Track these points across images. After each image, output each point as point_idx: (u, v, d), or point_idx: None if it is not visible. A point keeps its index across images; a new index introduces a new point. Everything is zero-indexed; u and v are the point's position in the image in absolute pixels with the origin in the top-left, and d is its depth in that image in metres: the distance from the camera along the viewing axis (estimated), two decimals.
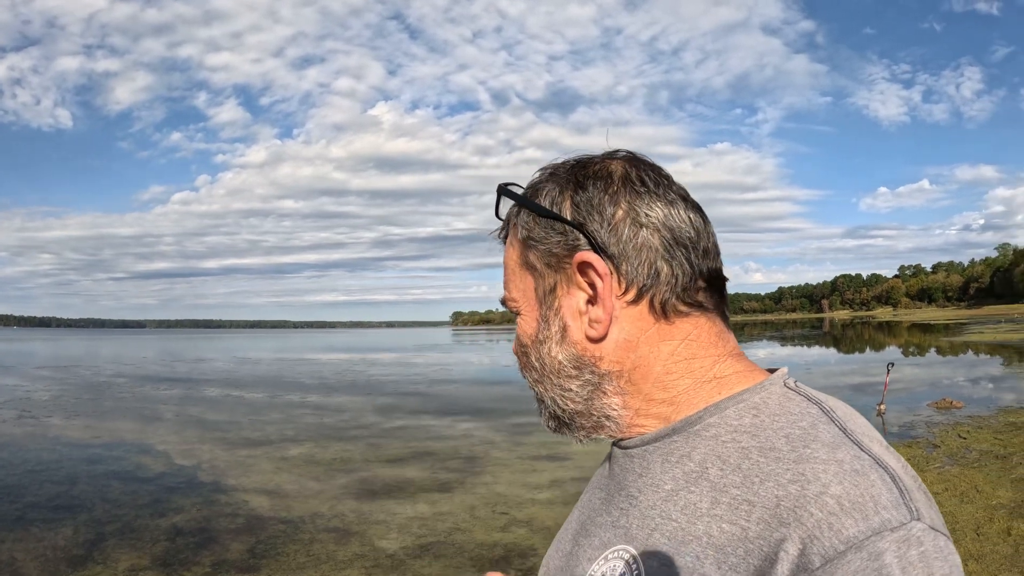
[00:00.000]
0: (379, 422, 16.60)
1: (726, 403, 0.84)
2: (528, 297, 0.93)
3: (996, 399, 16.60)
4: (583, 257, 0.85)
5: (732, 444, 0.80)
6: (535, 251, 0.90)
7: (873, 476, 0.70)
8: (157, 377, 31.41)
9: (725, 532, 0.73)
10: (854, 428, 0.77)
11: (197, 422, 16.66)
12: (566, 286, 0.89)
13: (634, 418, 0.89)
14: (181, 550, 7.14)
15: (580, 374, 0.89)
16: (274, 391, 24.36)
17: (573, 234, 0.87)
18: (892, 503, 0.68)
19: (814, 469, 0.72)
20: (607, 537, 0.87)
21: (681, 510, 0.79)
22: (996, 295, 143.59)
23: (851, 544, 0.65)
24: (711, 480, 0.78)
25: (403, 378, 30.43)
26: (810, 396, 0.83)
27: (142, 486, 9.91)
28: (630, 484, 0.88)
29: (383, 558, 6.88)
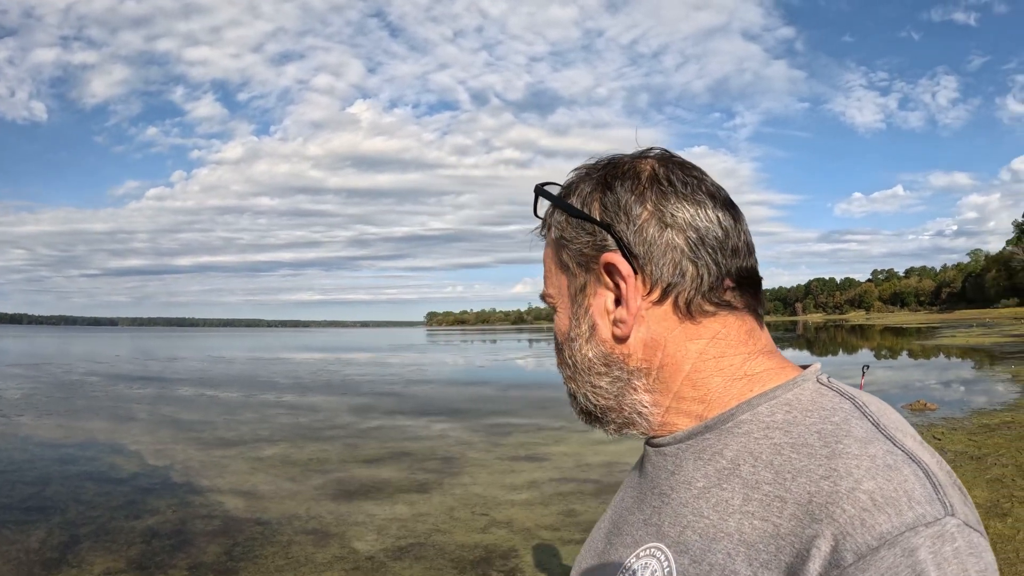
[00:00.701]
0: (355, 422, 16.51)
1: (758, 400, 0.84)
2: (562, 295, 0.95)
3: (969, 401, 16.76)
4: (608, 258, 0.87)
5: (764, 441, 0.80)
6: (567, 250, 0.92)
7: (906, 471, 0.70)
8: (130, 376, 31.09)
9: (757, 529, 0.73)
10: (887, 423, 0.77)
11: (171, 422, 16.49)
12: (595, 286, 0.90)
13: (665, 415, 0.89)
14: (157, 553, 7.04)
15: (609, 371, 0.90)
16: (249, 390, 24.19)
17: (601, 235, 0.88)
18: (926, 498, 0.67)
19: (846, 464, 0.71)
20: (639, 535, 0.88)
21: (713, 507, 0.79)
22: (968, 300, 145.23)
23: (884, 540, 0.64)
24: (743, 477, 0.78)
25: (378, 378, 30.32)
26: (843, 391, 0.83)
27: (116, 487, 9.79)
28: (662, 482, 0.88)
29: (363, 560, 6.82)
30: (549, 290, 0.98)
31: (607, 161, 0.94)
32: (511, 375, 32.76)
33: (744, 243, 0.89)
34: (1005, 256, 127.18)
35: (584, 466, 10.89)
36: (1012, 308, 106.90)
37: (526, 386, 25.67)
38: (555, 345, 0.98)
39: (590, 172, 0.94)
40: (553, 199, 0.96)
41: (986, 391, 18.86)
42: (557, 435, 14.03)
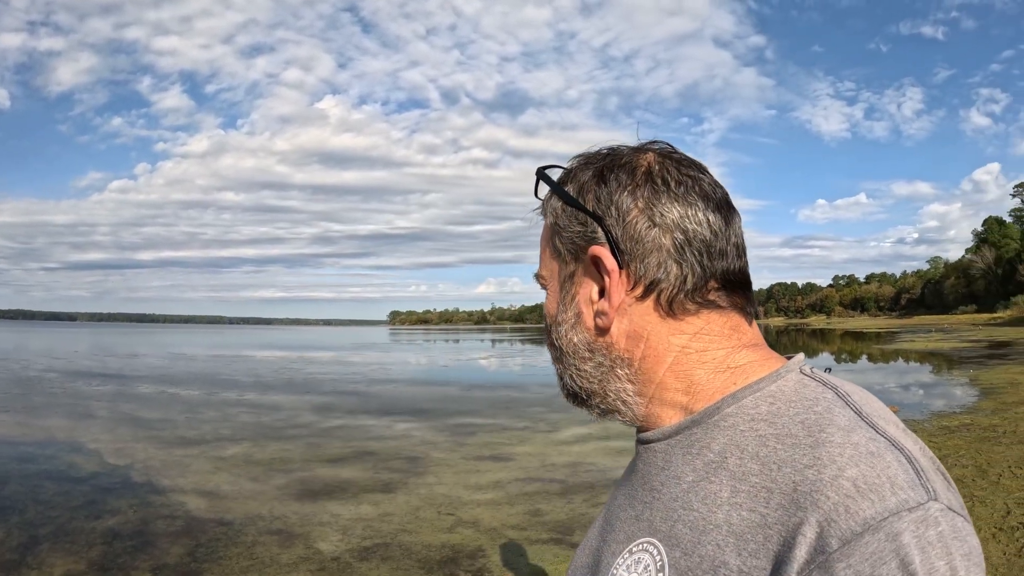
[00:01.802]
0: (318, 421, 16.40)
1: (743, 392, 0.85)
2: (553, 279, 0.98)
3: (929, 404, 17.00)
4: (596, 251, 0.89)
5: (750, 433, 0.81)
6: (560, 237, 0.95)
7: (889, 457, 0.71)
8: (90, 372, 30.59)
9: (745, 519, 0.74)
10: (870, 411, 0.78)
11: (131, 420, 16.27)
12: (582, 275, 0.93)
13: (649, 406, 0.92)
14: (119, 554, 6.93)
15: (592, 357, 0.93)
16: (210, 388, 23.93)
17: (592, 226, 0.90)
18: (908, 484, 0.69)
19: (830, 453, 0.72)
20: (631, 531, 0.89)
21: (702, 500, 0.80)
22: (926, 306, 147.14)
23: (868, 526, 0.66)
24: (730, 469, 0.80)
25: (341, 377, 30.16)
26: (826, 381, 0.85)
27: (76, 486, 9.63)
28: (653, 478, 0.90)
29: (328, 561, 6.78)
30: (542, 271, 1.00)
31: (608, 151, 0.95)
32: (474, 375, 32.74)
33: (734, 245, 0.91)
34: (964, 264, 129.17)
35: (549, 466, 10.91)
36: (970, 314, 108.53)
37: (490, 386, 25.65)
38: (544, 326, 1.01)
39: (590, 161, 0.95)
40: (551, 184, 0.98)
41: (945, 394, 19.13)
42: (521, 435, 14.04)
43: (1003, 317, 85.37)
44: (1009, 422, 12.91)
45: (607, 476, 10.11)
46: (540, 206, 1.01)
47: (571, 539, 7.32)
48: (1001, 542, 6.50)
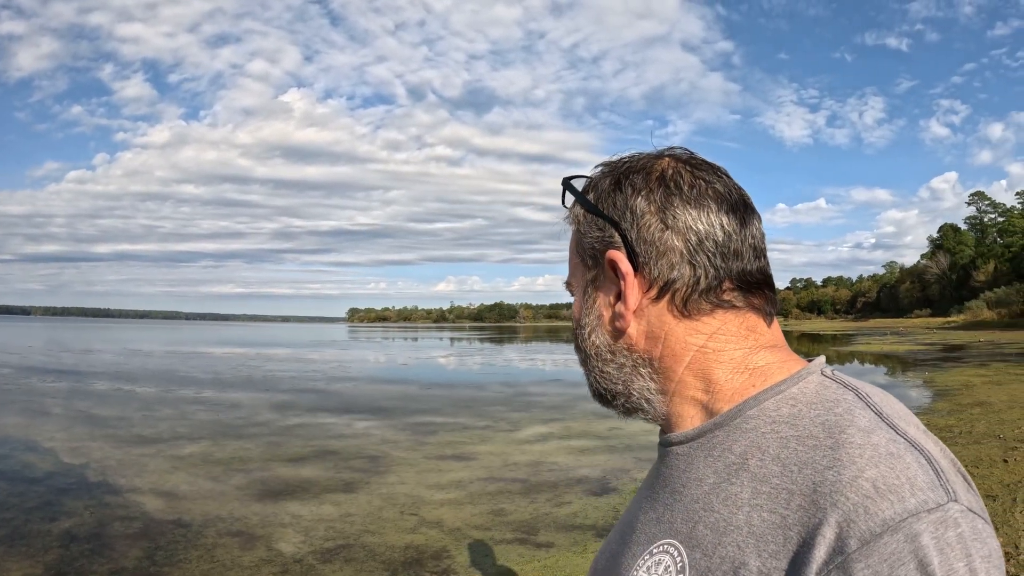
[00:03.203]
0: (277, 419, 16.24)
1: (765, 395, 0.86)
2: (579, 283, 1.01)
3: None
4: (611, 256, 0.92)
5: (772, 435, 0.82)
6: (582, 244, 0.98)
7: (908, 458, 0.72)
8: (43, 368, 30.05)
9: (765, 521, 0.75)
10: (890, 412, 0.79)
11: (86, 418, 16.00)
12: (602, 279, 0.95)
13: (671, 404, 0.93)
14: (76, 558, 6.80)
15: (614, 358, 0.95)
16: (167, 386, 23.60)
17: (609, 231, 0.93)
18: (928, 485, 0.69)
19: (850, 454, 0.73)
20: (652, 533, 0.90)
21: (723, 501, 0.81)
22: (882, 309, 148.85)
23: (887, 526, 0.66)
24: (751, 471, 0.80)
25: (300, 374, 29.91)
26: (846, 383, 0.86)
27: (30, 487, 9.45)
28: (674, 480, 0.90)
29: (291, 563, 6.70)
30: (570, 278, 1.04)
31: (628, 158, 0.98)
32: (434, 373, 32.65)
33: (750, 246, 0.93)
34: (919, 269, 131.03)
35: (511, 465, 10.91)
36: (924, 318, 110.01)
37: (450, 385, 25.61)
38: (573, 330, 1.02)
39: (613, 169, 0.98)
40: (574, 193, 1.01)
41: (901, 396, 19.14)
42: (482, 434, 14.03)
43: (957, 321, 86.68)
44: (964, 423, 13.10)
45: (569, 475, 10.13)
46: (568, 215, 1.03)
47: (535, 539, 7.32)
48: None
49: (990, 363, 28.23)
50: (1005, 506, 7.43)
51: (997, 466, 9.29)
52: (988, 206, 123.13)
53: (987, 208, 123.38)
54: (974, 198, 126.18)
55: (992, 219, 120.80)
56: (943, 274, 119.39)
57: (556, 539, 7.36)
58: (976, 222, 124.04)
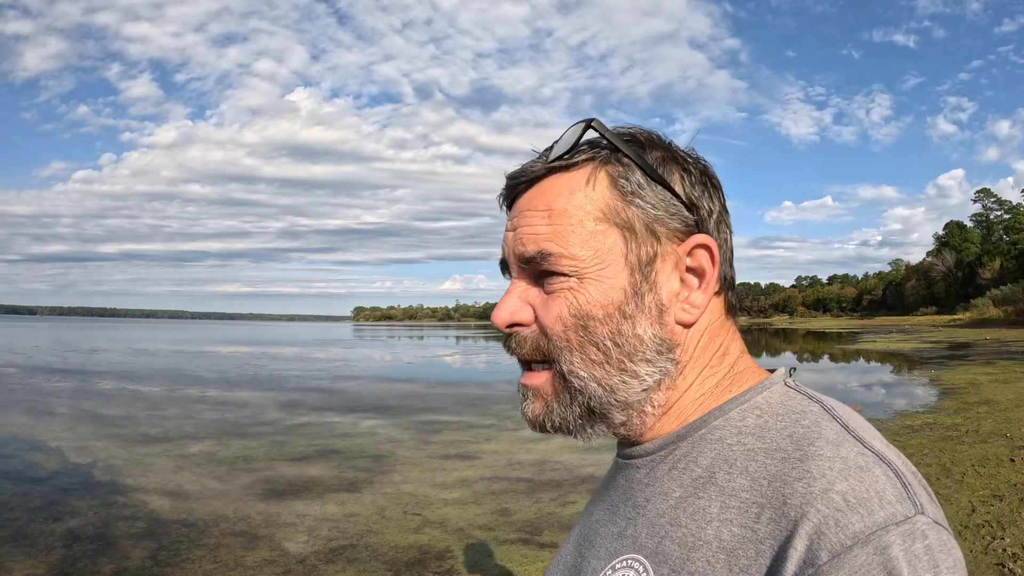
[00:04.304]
0: (282, 418, 16.24)
1: (730, 404, 0.85)
2: (606, 259, 0.84)
3: (891, 403, 17.18)
4: (704, 240, 0.86)
5: (738, 447, 0.80)
6: (641, 211, 0.85)
7: (877, 472, 0.72)
8: (49, 368, 30.08)
9: (735, 535, 0.74)
10: (855, 426, 0.78)
11: (92, 417, 16.01)
12: (665, 261, 0.86)
13: (658, 419, 0.88)
14: (79, 558, 6.79)
15: (658, 358, 0.85)
16: (172, 385, 23.63)
17: (686, 212, 0.86)
18: (896, 498, 0.69)
19: (819, 466, 0.73)
20: (614, 547, 0.86)
21: (691, 516, 0.79)
22: (887, 307, 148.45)
23: (858, 539, 0.66)
24: (719, 485, 0.79)
25: (305, 373, 29.93)
26: (811, 395, 0.84)
27: (34, 487, 9.44)
28: (637, 494, 0.88)
29: (294, 563, 6.68)
30: (571, 249, 0.84)
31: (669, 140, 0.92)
32: (439, 372, 32.64)
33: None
34: (925, 266, 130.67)
35: (516, 464, 10.88)
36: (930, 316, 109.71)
37: (455, 383, 25.56)
38: (573, 322, 0.85)
39: (656, 140, 0.90)
40: (635, 152, 0.87)
41: (907, 394, 19.33)
42: (487, 433, 14.01)
43: (963, 319, 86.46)
44: (971, 421, 13.07)
45: (574, 474, 10.09)
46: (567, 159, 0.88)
47: (539, 539, 7.30)
48: (967, 540, 6.57)
49: (996, 361, 28.11)
50: (1012, 506, 7.41)
51: (1004, 465, 9.25)
52: (994, 203, 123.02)
53: (993, 205, 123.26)
54: (980, 195, 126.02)
55: (998, 216, 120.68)
56: (949, 272, 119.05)
57: (560, 539, 7.32)
58: (982, 219, 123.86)
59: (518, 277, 0.89)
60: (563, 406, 0.88)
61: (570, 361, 0.85)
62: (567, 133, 0.89)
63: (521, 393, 0.93)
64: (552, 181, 0.87)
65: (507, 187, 0.93)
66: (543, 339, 0.87)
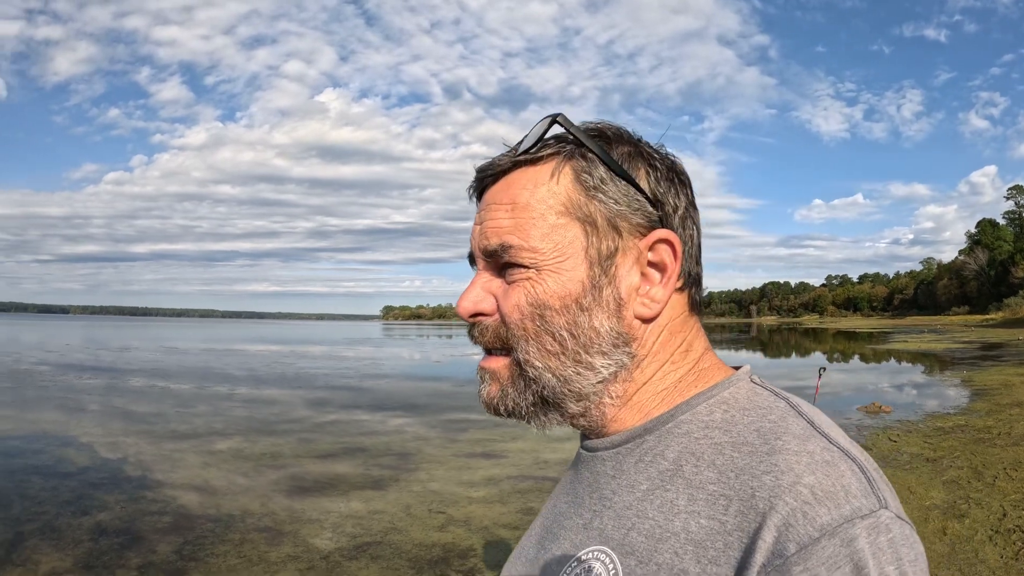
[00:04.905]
0: (310, 416, 16.33)
1: (697, 399, 0.86)
2: (565, 252, 0.85)
3: (922, 405, 17.01)
4: (665, 235, 0.86)
5: (705, 440, 0.81)
6: (603, 206, 0.86)
7: (843, 467, 0.73)
8: (81, 366, 30.45)
9: (704, 527, 0.75)
10: (820, 422, 0.80)
11: (122, 414, 16.17)
12: (625, 256, 0.86)
13: (619, 410, 0.89)
14: (105, 551, 6.85)
15: (614, 351, 0.86)
16: (202, 382, 23.83)
17: (650, 208, 0.86)
18: (862, 492, 0.71)
19: (787, 460, 0.74)
20: (579, 539, 0.86)
21: (658, 508, 0.79)
22: (919, 307, 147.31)
23: (824, 531, 0.68)
24: (686, 477, 0.79)
25: (334, 371, 30.12)
26: (776, 392, 0.86)
27: (63, 482, 9.54)
28: (603, 486, 0.88)
29: (317, 560, 6.70)
30: (533, 242, 0.85)
31: (639, 137, 0.92)
32: (467, 371, 32.64)
33: None
34: (957, 265, 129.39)
35: (542, 463, 10.85)
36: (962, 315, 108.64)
37: None
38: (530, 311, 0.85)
39: (624, 136, 0.91)
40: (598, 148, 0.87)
41: (939, 395, 19.13)
42: (514, 432, 13.94)
43: (995, 319, 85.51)
44: (1003, 423, 12.90)
45: None
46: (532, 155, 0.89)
47: None
48: (998, 545, 6.46)
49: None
50: None
51: None
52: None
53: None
54: (1013, 192, 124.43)
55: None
56: (981, 270, 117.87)
57: None
58: (1015, 216, 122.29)
59: (483, 269, 0.90)
60: (517, 392, 0.88)
61: (526, 350, 0.86)
62: (535, 127, 0.89)
63: (479, 376, 0.92)
64: (518, 175, 0.88)
65: (475, 180, 0.94)
66: (503, 328, 0.88)
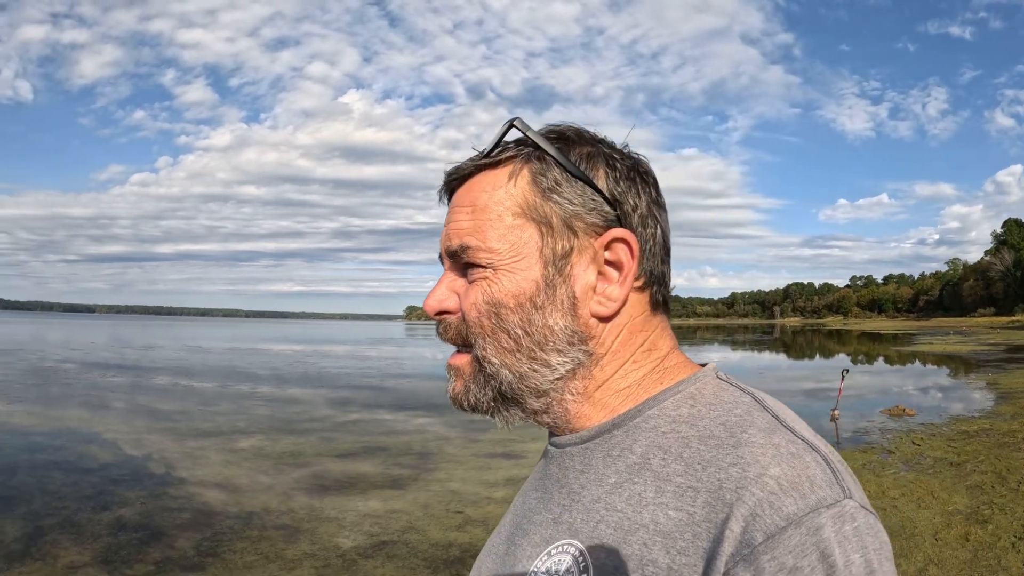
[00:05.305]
0: (332, 415, 16.40)
1: (664, 395, 0.87)
2: (521, 252, 0.88)
3: (947, 408, 16.84)
4: (622, 234, 0.86)
5: (672, 435, 0.83)
6: (559, 207, 0.87)
7: (808, 458, 0.74)
8: (106, 364, 30.76)
9: (672, 519, 0.76)
10: (784, 416, 0.81)
11: (145, 411, 16.31)
12: (582, 255, 0.87)
13: (582, 407, 0.90)
14: (124, 546, 6.89)
15: (569, 349, 0.87)
16: (225, 381, 24.00)
17: (607, 207, 0.87)
18: (826, 482, 0.72)
19: (753, 452, 0.75)
20: (548, 533, 0.87)
21: (626, 501, 0.80)
22: (944, 308, 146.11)
23: (791, 520, 0.69)
24: (654, 470, 0.81)
25: (356, 371, 30.23)
26: (742, 387, 0.87)
27: (85, 477, 9.61)
28: (571, 480, 0.89)
29: (334, 558, 6.71)
30: (490, 243, 0.88)
31: (603, 137, 0.93)
32: None
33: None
34: (983, 266, 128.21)
35: None
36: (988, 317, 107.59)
37: None
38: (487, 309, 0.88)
39: (585, 136, 0.92)
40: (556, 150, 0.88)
41: (964, 398, 18.95)
42: (534, 432, 13.81)
43: (1021, 320, 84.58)
44: None
45: None
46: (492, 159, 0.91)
47: None
48: (1021, 552, 6.37)
49: None
50: None
51: None
52: None
53: None
54: None
55: None
56: (1007, 271, 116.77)
57: None
58: None
59: (449, 269, 0.94)
60: (478, 387, 0.91)
61: (484, 347, 0.89)
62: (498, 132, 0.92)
63: (447, 372, 0.96)
64: (479, 178, 0.91)
65: (444, 183, 0.97)
66: (464, 325, 0.91)
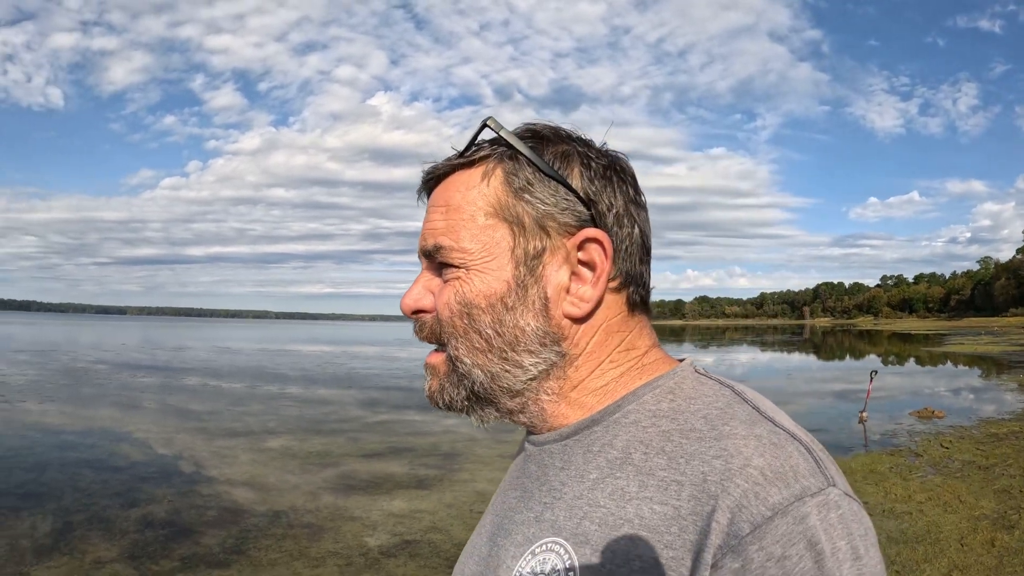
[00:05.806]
0: (360, 416, 16.48)
1: (643, 390, 0.87)
2: (493, 252, 0.88)
3: (977, 410, 16.65)
4: (594, 234, 0.85)
5: (653, 429, 0.82)
6: (531, 207, 0.87)
7: (790, 448, 0.75)
8: (137, 364, 31.11)
9: (657, 513, 0.76)
10: (765, 408, 0.81)
11: (175, 411, 16.48)
12: (554, 255, 0.87)
13: (559, 405, 0.90)
14: (151, 543, 6.98)
15: (542, 350, 0.87)
16: (254, 382, 24.19)
17: (580, 207, 0.87)
18: (810, 471, 0.73)
19: (735, 444, 0.75)
20: (531, 532, 0.86)
21: (609, 496, 0.80)
22: (976, 308, 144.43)
23: (777, 510, 0.69)
24: (636, 465, 0.80)
25: (385, 372, 30.34)
26: (721, 381, 0.87)
27: (114, 475, 9.74)
28: (552, 478, 0.88)
29: (357, 556, 6.75)
30: (463, 243, 0.88)
31: (580, 135, 0.92)
32: None
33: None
34: (1015, 264, 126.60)
35: None
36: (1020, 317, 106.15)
37: None
38: (458, 309, 0.88)
39: (561, 134, 0.91)
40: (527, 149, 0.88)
41: (994, 400, 18.73)
42: None
43: None
44: None
45: None
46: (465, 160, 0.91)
47: None
48: None
49: None
50: None
51: None
52: None
53: None
54: None
55: None
56: None
57: None
58: None
59: (426, 268, 0.94)
60: (452, 386, 0.92)
61: (456, 347, 0.89)
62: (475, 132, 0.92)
63: (424, 371, 0.97)
64: (455, 178, 0.92)
65: (422, 183, 0.97)
66: (438, 325, 0.92)
